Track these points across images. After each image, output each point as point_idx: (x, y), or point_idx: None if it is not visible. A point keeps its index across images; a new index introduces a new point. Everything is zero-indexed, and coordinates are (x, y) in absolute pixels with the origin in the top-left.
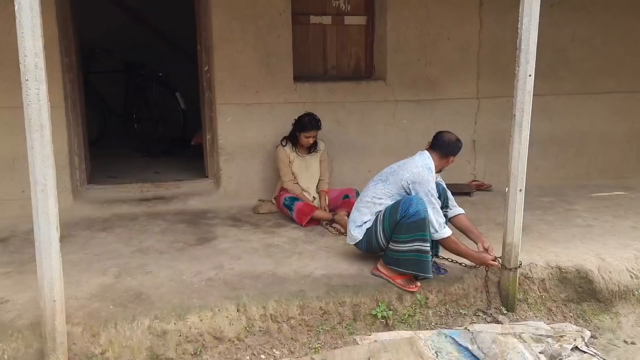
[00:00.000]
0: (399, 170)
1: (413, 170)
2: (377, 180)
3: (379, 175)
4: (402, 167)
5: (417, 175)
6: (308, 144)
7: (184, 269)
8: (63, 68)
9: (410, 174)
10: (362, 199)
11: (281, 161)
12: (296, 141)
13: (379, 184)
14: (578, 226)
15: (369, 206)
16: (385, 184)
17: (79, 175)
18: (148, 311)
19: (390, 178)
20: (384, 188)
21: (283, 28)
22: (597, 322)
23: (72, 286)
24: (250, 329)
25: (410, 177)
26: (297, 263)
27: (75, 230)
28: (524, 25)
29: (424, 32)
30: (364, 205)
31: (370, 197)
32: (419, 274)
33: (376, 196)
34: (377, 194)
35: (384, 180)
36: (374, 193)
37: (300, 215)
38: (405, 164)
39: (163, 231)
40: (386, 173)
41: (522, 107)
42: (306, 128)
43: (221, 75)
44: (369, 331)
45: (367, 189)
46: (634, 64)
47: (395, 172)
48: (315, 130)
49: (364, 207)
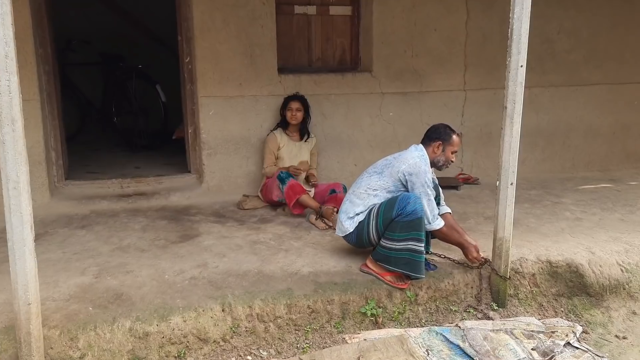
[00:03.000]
0: (395, 162)
1: (410, 162)
2: (372, 172)
3: (373, 167)
4: (397, 159)
5: (413, 167)
6: (295, 120)
7: (167, 268)
8: (37, 59)
9: (406, 165)
10: (355, 190)
11: (267, 147)
12: (286, 124)
13: (374, 176)
14: (567, 219)
15: (363, 197)
16: (380, 176)
17: (56, 171)
18: (129, 312)
19: (385, 170)
20: (380, 180)
21: (266, 18)
22: (588, 317)
23: (50, 287)
24: (236, 330)
25: (406, 168)
26: (283, 260)
27: (52, 227)
28: (515, 15)
29: (411, 23)
30: (357, 197)
31: (365, 188)
32: (410, 274)
33: (371, 187)
34: (372, 185)
35: (379, 173)
36: (369, 184)
37: (289, 192)
38: (400, 156)
39: (144, 228)
40: (381, 165)
41: (514, 99)
42: (286, 101)
43: (203, 66)
44: (358, 330)
45: (361, 180)
46: (620, 55)
47: (390, 164)
48: (296, 101)
49: (357, 199)
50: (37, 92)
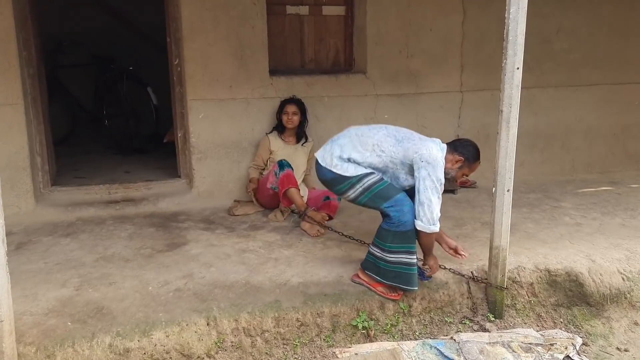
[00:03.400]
0: (417, 142)
1: (432, 152)
2: (391, 134)
3: (395, 130)
4: (420, 140)
5: (433, 158)
6: (291, 123)
7: (151, 279)
8: (21, 62)
9: (427, 152)
10: (364, 135)
11: (259, 148)
12: (282, 128)
13: (390, 139)
14: (566, 225)
15: (367, 148)
16: (396, 144)
17: (42, 177)
18: (109, 327)
19: (404, 142)
20: (393, 147)
21: (257, 18)
22: (589, 328)
23: (28, 300)
24: (221, 345)
25: (426, 155)
26: (272, 270)
27: (36, 236)
28: (511, 15)
29: (406, 23)
30: (361, 144)
31: (375, 142)
32: (401, 287)
33: (380, 146)
34: (384, 146)
35: (397, 140)
36: (380, 141)
37: (284, 179)
38: (423, 140)
39: (130, 236)
40: (402, 135)
41: (510, 102)
42: (283, 104)
43: (192, 68)
44: (349, 343)
45: (376, 132)
46: (620, 55)
47: (411, 139)
48: (292, 105)
49: (360, 146)
50: (20, 96)
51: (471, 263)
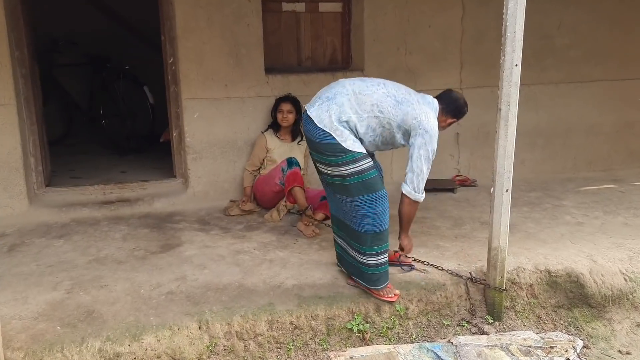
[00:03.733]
0: (416, 106)
1: (430, 121)
2: (390, 94)
3: (394, 88)
4: (419, 104)
5: (431, 128)
6: (286, 122)
7: (143, 281)
8: (13, 62)
9: (426, 120)
10: (358, 95)
11: (254, 147)
12: (277, 126)
13: (390, 99)
14: (567, 224)
15: (366, 109)
16: (396, 105)
17: (36, 178)
18: (99, 332)
19: (404, 105)
20: (393, 108)
21: (252, 16)
22: (590, 330)
23: (18, 304)
24: (214, 349)
25: (425, 123)
26: (266, 272)
27: (29, 237)
28: (509, 11)
29: (404, 19)
30: (357, 103)
31: (374, 102)
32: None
33: (380, 106)
34: (383, 106)
35: (397, 101)
36: (379, 101)
37: (291, 176)
38: (421, 104)
39: (124, 237)
40: (401, 94)
41: (509, 100)
42: (277, 102)
43: (186, 67)
44: (344, 346)
45: (371, 88)
46: (622, 50)
47: (410, 102)
48: (287, 103)
49: (358, 106)
50: (13, 96)
51: (470, 264)
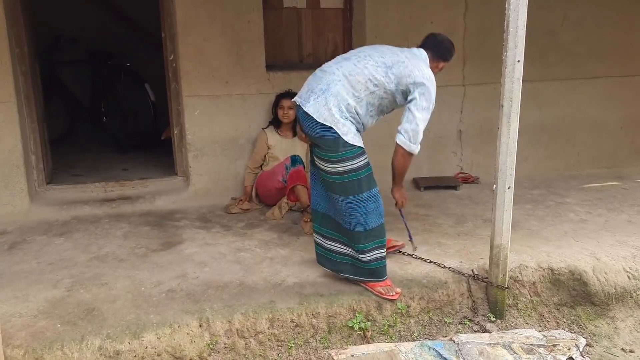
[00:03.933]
0: (408, 63)
1: (424, 72)
2: (379, 63)
3: (379, 55)
4: (410, 61)
5: (428, 79)
6: (287, 118)
7: (144, 279)
8: (13, 60)
9: (420, 74)
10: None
11: (256, 145)
12: (278, 123)
13: (380, 68)
14: (571, 221)
15: (361, 87)
16: (387, 70)
17: (37, 175)
18: (99, 329)
19: (395, 67)
20: (385, 76)
21: (253, 13)
22: (593, 328)
23: (19, 302)
24: (214, 347)
25: (420, 77)
26: (267, 270)
27: (30, 235)
28: (511, 6)
29: (405, 16)
30: (351, 85)
31: (367, 77)
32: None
33: (373, 80)
34: (376, 77)
35: (388, 67)
36: (372, 74)
37: (294, 174)
38: (411, 58)
39: (125, 235)
40: (389, 58)
41: (511, 97)
42: (278, 98)
43: (187, 64)
44: (345, 344)
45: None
46: (626, 46)
47: (400, 63)
48: (288, 99)
49: (352, 88)
50: (13, 94)
51: (472, 262)
